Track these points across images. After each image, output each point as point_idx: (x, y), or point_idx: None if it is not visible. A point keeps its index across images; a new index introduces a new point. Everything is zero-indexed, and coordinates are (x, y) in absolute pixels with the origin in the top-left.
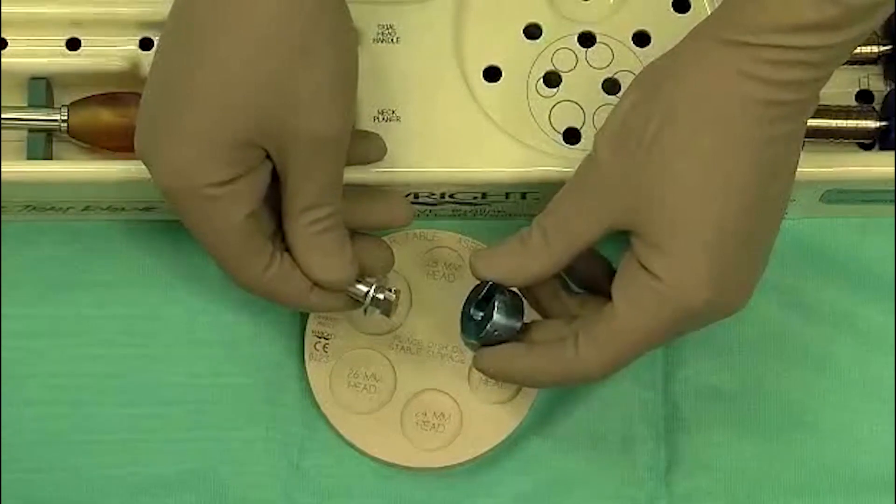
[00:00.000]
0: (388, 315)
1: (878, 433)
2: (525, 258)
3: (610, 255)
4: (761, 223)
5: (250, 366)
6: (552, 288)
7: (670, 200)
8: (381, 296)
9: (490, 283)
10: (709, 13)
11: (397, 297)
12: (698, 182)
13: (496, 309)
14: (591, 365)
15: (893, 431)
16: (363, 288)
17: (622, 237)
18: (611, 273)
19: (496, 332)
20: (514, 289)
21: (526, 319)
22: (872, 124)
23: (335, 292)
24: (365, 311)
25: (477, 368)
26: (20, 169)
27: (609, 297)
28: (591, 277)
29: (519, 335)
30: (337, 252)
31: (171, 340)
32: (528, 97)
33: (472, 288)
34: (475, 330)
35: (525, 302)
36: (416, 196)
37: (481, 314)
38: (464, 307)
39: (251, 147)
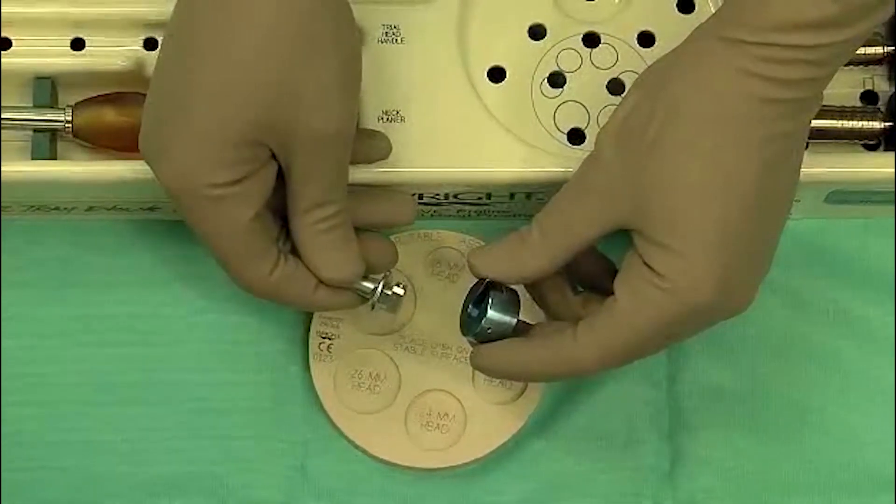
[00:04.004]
0: (394, 311)
1: (881, 432)
2: (523, 256)
3: (611, 255)
4: (764, 222)
5: (254, 366)
6: (556, 285)
7: (672, 199)
8: (388, 292)
9: (487, 280)
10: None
11: (405, 293)
12: (700, 181)
13: (490, 305)
14: (589, 353)
15: (894, 431)
16: (370, 284)
17: (624, 236)
18: (614, 272)
19: (489, 329)
20: (513, 286)
21: (531, 320)
22: (877, 125)
23: (342, 290)
24: (372, 307)
25: (473, 366)
26: (24, 169)
27: (612, 296)
28: (594, 276)
29: (516, 332)
30: (344, 249)
31: (174, 340)
32: (532, 98)
33: (471, 286)
34: (471, 327)
35: (521, 300)
36: (421, 196)
37: (477, 311)
38: (463, 305)
39: (256, 146)
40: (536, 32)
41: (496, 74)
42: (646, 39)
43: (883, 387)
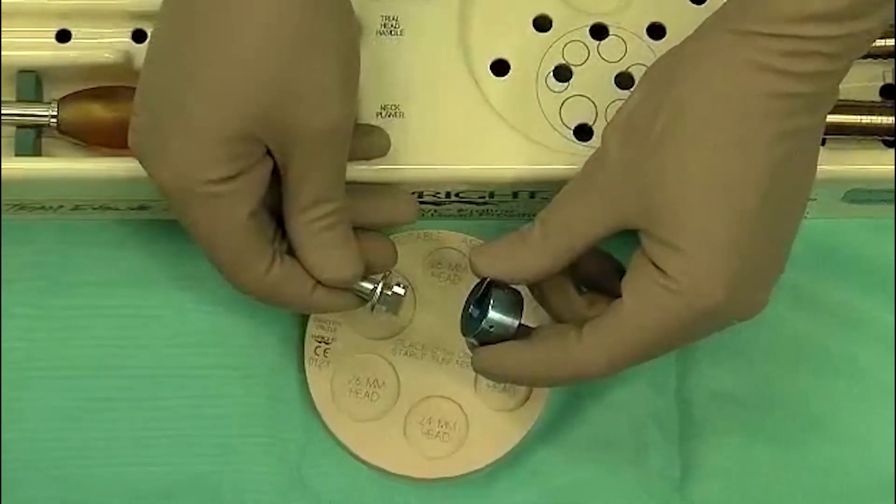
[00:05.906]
0: (395, 313)
1: (893, 437)
2: (524, 255)
3: (616, 255)
4: (776, 222)
5: (249, 369)
6: (561, 285)
7: (678, 199)
8: (389, 292)
9: (489, 279)
10: None
11: (405, 293)
12: (708, 178)
13: (491, 305)
14: (594, 356)
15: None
16: (369, 285)
17: (630, 236)
18: (621, 273)
19: (491, 328)
20: (516, 287)
21: (534, 323)
22: None
23: (340, 290)
24: (372, 308)
25: (475, 369)
26: (9, 166)
27: (619, 297)
28: (600, 277)
29: (518, 334)
30: (343, 248)
31: (167, 342)
32: (537, 92)
33: (473, 286)
34: (472, 327)
35: (524, 302)
36: (421, 195)
37: (478, 311)
38: (464, 306)
39: (252, 141)
40: (542, 24)
41: (499, 68)
42: (656, 31)
43: None
